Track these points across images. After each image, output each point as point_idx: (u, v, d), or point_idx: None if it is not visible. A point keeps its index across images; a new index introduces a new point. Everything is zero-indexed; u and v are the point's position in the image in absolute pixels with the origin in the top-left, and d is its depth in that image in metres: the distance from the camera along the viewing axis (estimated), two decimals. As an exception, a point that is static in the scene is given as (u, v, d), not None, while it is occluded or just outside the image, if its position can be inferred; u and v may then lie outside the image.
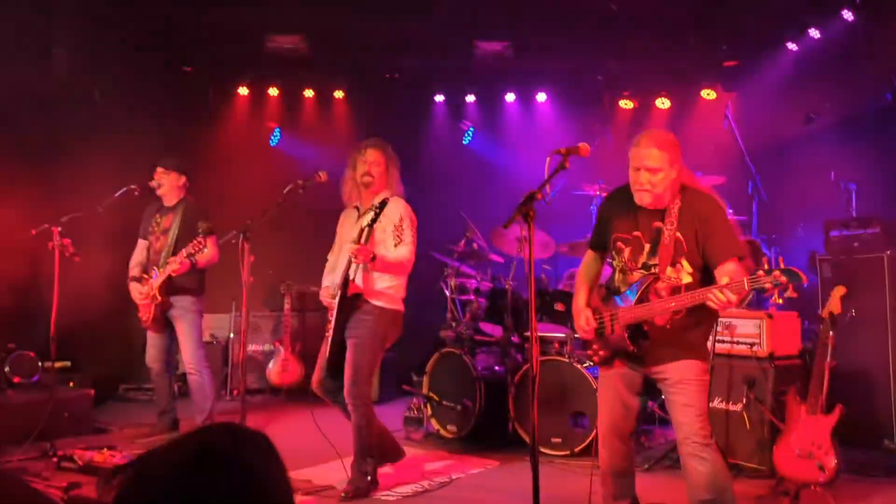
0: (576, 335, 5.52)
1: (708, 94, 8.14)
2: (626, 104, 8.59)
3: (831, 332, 4.16)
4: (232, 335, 7.72)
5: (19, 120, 6.18)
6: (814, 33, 6.69)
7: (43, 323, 5.41)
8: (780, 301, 2.88)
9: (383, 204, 4.18)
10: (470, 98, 8.72)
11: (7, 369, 5.70)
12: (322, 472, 4.72)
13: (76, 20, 6.72)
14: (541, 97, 8.63)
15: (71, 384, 6.24)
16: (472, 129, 8.84)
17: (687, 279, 3.07)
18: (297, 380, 7.44)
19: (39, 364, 5.87)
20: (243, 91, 8.42)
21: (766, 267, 2.81)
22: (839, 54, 6.65)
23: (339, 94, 8.58)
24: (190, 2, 7.24)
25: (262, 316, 7.85)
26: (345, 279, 4.17)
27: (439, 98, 8.76)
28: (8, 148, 6.02)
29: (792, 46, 7.00)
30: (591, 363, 3.47)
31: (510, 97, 8.67)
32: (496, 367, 5.68)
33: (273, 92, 8.49)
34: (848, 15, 6.26)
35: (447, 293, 6.42)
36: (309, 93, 8.56)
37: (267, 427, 6.17)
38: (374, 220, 4.12)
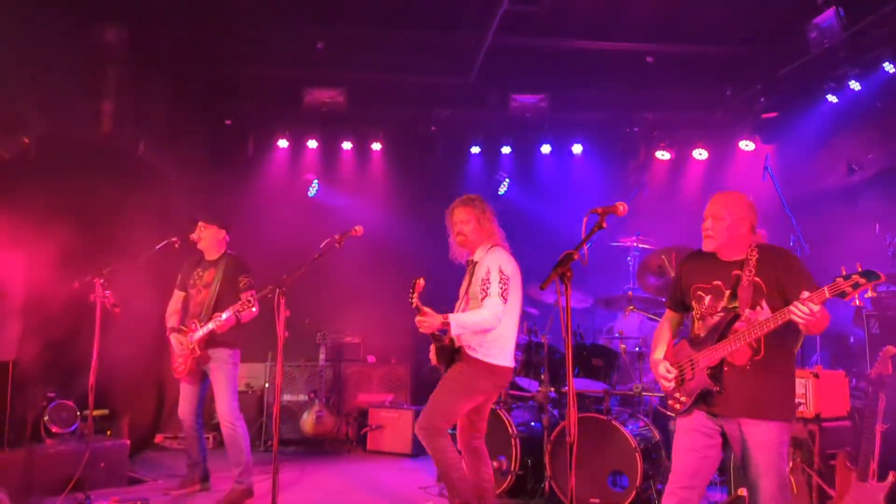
0: (612, 391, 5.45)
1: (746, 145, 8.09)
2: (662, 155, 8.56)
3: (881, 394, 4.01)
4: (267, 385, 7.73)
5: (64, 172, 6.36)
6: (854, 85, 6.62)
7: (82, 373, 5.47)
8: (859, 303, 2.94)
9: (474, 266, 4.33)
10: (506, 150, 8.77)
11: (46, 418, 5.75)
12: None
13: (122, 73, 6.94)
14: (576, 149, 8.65)
15: (108, 433, 6.28)
16: (507, 180, 8.88)
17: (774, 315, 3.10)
18: (332, 430, 7.40)
19: (78, 413, 5.92)
20: (283, 143, 8.58)
21: (843, 273, 2.84)
22: (882, 105, 6.56)
23: (376, 146, 8.71)
24: (231, 57, 7.46)
25: (296, 366, 7.86)
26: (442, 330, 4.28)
27: (475, 150, 8.83)
28: (53, 199, 6.19)
29: (832, 98, 6.92)
30: (673, 414, 3.40)
31: (546, 149, 8.70)
32: (533, 423, 5.57)
33: (312, 144, 8.64)
34: (889, 67, 6.18)
35: (482, 346, 6.35)
36: (347, 145, 8.70)
37: (302, 479, 6.12)
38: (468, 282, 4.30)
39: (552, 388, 5.49)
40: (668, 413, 3.41)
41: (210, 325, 5.22)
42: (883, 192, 6.57)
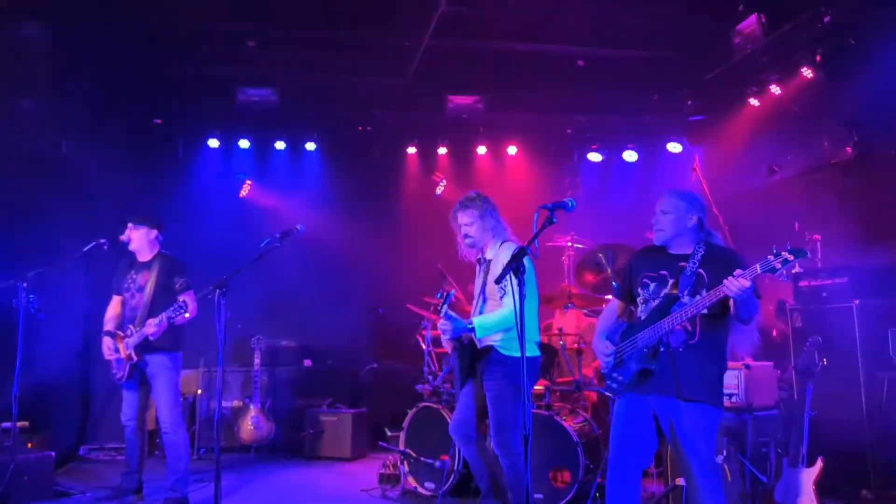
0: (553, 386, 5.53)
1: (674, 147, 8.35)
2: (594, 157, 8.77)
3: (809, 383, 4.20)
4: (200, 391, 7.52)
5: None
6: (775, 89, 6.92)
7: (4, 382, 5.22)
8: (787, 279, 3.13)
9: (488, 265, 4.27)
10: (442, 150, 8.80)
11: (-35, 431, 5.46)
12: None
13: (43, 72, 6.65)
14: (512, 150, 8.76)
15: (29, 445, 5.99)
16: (444, 181, 8.91)
17: (703, 311, 3.24)
18: (268, 436, 7.26)
19: (-1, 425, 5.63)
20: (214, 143, 8.39)
21: (774, 251, 3.03)
22: (800, 109, 6.88)
23: (310, 146, 8.62)
24: (159, 54, 7.23)
25: (231, 371, 7.68)
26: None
27: (412, 150, 8.83)
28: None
29: (754, 102, 7.22)
30: (610, 393, 3.50)
31: (482, 150, 8.78)
32: (474, 422, 5.58)
33: (244, 144, 8.47)
34: (807, 72, 6.49)
35: (424, 346, 6.35)
36: (280, 145, 8.57)
37: (240, 487, 5.98)
38: (484, 280, 4.24)
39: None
40: (606, 393, 3.53)
41: (144, 332, 5.04)
42: (801, 192, 6.88)
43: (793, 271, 2.99)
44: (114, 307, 5.50)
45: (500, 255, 4.26)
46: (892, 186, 5.94)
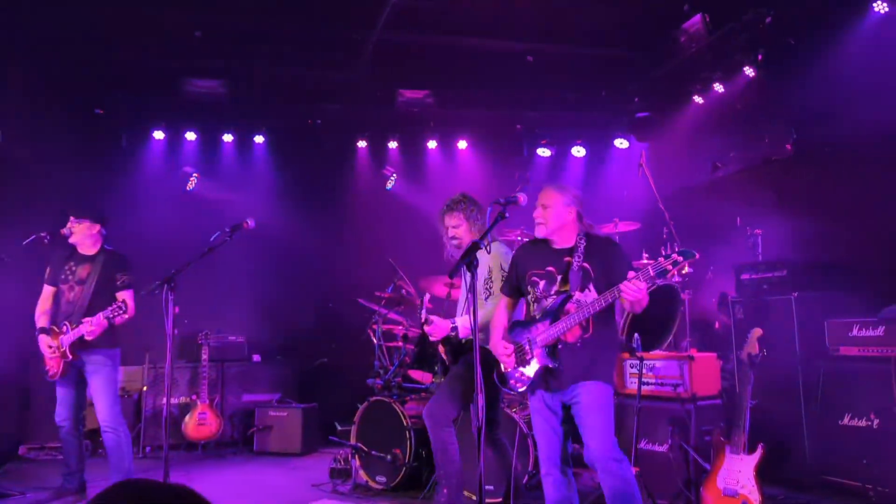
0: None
1: (621, 143, 8.50)
2: (543, 152, 8.86)
3: (751, 373, 4.33)
4: (145, 388, 7.36)
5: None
6: (718, 87, 7.10)
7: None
8: (679, 279, 3.32)
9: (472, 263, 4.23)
10: (393, 144, 8.78)
11: None
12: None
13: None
14: (462, 144, 8.80)
15: (-36, 446, 5.80)
16: (394, 175, 8.90)
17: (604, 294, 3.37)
18: (216, 433, 7.16)
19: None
20: (159, 135, 8.20)
21: (664, 254, 3.15)
22: (742, 107, 7.07)
23: (259, 139, 8.50)
24: (101, 42, 7.03)
25: (177, 367, 7.53)
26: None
27: (362, 144, 8.79)
28: None
29: (698, 99, 7.40)
30: (516, 393, 3.62)
31: (432, 144, 8.79)
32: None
33: (190, 136, 8.30)
34: (749, 71, 6.68)
35: (374, 340, 6.34)
36: (228, 137, 8.43)
37: (189, 485, 5.87)
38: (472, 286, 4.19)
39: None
40: (511, 392, 3.64)
41: (80, 331, 4.87)
42: (743, 188, 7.07)
43: (683, 272, 3.12)
44: (45, 300, 5.22)
45: (485, 256, 4.29)
46: (828, 183, 6.16)
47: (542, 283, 3.59)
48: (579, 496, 3.74)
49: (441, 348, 4.51)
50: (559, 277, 3.54)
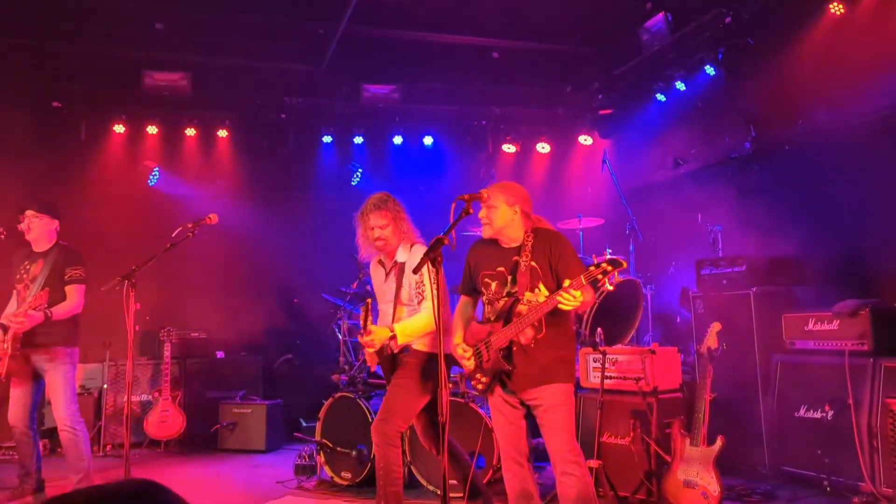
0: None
1: (585, 139, 8.58)
2: (508, 148, 8.91)
3: (710, 366, 4.41)
4: (106, 386, 7.24)
5: None
6: (680, 86, 7.21)
7: None
8: (611, 288, 3.39)
9: (401, 269, 4.16)
10: (358, 139, 8.75)
11: None
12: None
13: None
14: (428, 140, 8.80)
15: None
16: (360, 170, 8.86)
17: (544, 300, 3.37)
18: (178, 431, 7.07)
19: None
20: (119, 129, 8.05)
21: (595, 262, 3.19)
22: (703, 105, 7.19)
23: (222, 133, 8.40)
24: (58, 33, 6.88)
25: (139, 364, 7.43)
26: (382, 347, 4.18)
27: (327, 139, 8.74)
28: None
29: (661, 97, 7.50)
30: (477, 393, 3.64)
31: (398, 140, 8.78)
32: (391, 411, 5.61)
33: (152, 130, 8.16)
34: (710, 70, 6.79)
35: (339, 336, 6.32)
36: (191, 131, 8.30)
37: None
38: (397, 284, 4.14)
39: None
40: (473, 392, 3.64)
41: (13, 324, 4.75)
42: (704, 185, 7.18)
43: (613, 281, 3.20)
44: (13, 301, 5.19)
45: (412, 258, 4.19)
46: (785, 179, 6.30)
47: (493, 285, 3.61)
48: (541, 489, 3.78)
49: (370, 360, 4.34)
50: (509, 278, 3.56)
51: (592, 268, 3.14)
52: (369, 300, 4.15)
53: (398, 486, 4.11)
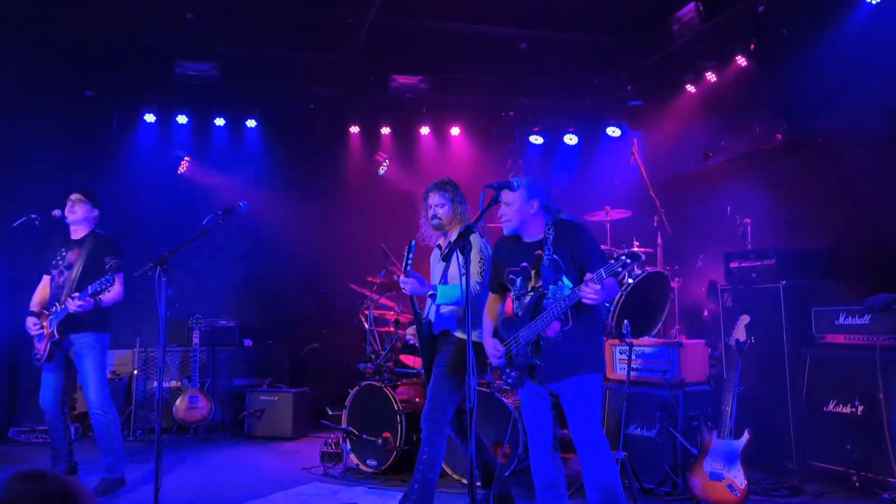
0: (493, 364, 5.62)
1: (613, 131, 8.51)
2: (536, 140, 8.87)
3: (738, 359, 4.38)
4: (136, 371, 7.37)
5: None
6: (710, 76, 7.12)
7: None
8: (631, 281, 3.57)
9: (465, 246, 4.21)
10: (385, 130, 8.76)
11: None
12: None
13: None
14: (455, 131, 8.79)
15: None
16: (387, 160, 8.89)
17: (568, 293, 3.38)
18: (206, 417, 7.17)
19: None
20: (150, 118, 8.15)
21: (615, 255, 3.22)
22: (734, 96, 7.10)
23: (251, 123, 8.47)
24: (92, 24, 6.97)
25: (168, 351, 7.54)
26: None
27: (354, 129, 8.77)
28: None
29: (691, 88, 7.42)
30: (508, 388, 3.68)
31: (425, 130, 8.78)
32: (417, 400, 5.65)
33: (182, 119, 8.26)
34: (741, 60, 6.70)
35: (366, 325, 6.36)
36: (220, 121, 8.38)
37: (178, 467, 5.91)
38: (447, 264, 4.23)
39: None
40: (504, 387, 3.64)
41: (66, 307, 4.89)
42: (733, 177, 7.11)
43: (632, 272, 3.24)
44: (43, 288, 5.29)
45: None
46: (818, 172, 6.20)
47: (518, 281, 3.63)
48: (567, 480, 3.79)
49: (412, 331, 4.41)
50: (533, 273, 3.58)
51: (612, 261, 3.18)
52: (412, 241, 4.23)
53: (436, 474, 4.19)
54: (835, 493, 4.71)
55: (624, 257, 3.15)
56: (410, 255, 4.19)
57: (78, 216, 5.20)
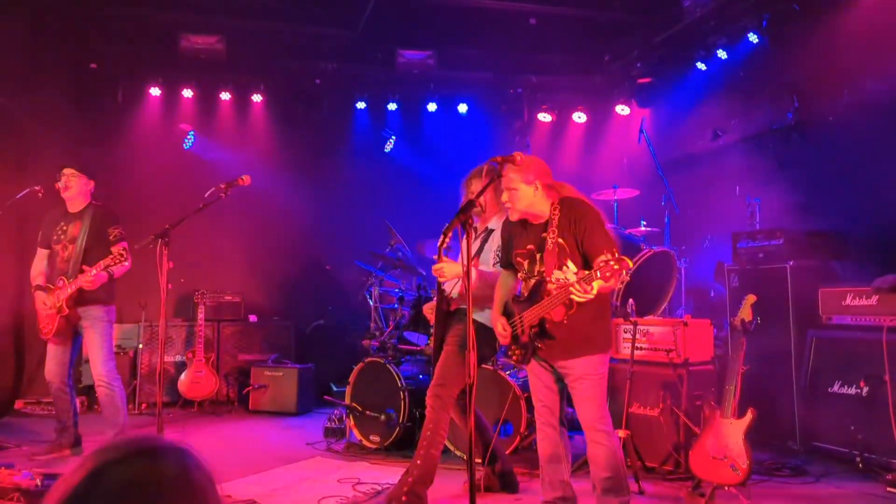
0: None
1: (622, 109, 8.42)
2: (544, 117, 8.79)
3: (743, 339, 4.34)
4: (141, 346, 7.39)
5: None
6: (721, 54, 7.02)
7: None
8: (621, 286, 3.60)
9: (488, 234, 4.27)
10: (392, 106, 8.70)
11: None
12: (242, 487, 4.55)
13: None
14: (462, 108, 8.71)
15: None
16: (394, 137, 8.83)
17: (573, 278, 3.30)
18: (211, 392, 7.20)
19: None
20: (155, 91, 8.10)
21: (606, 257, 3.18)
22: (745, 75, 7.00)
23: (257, 97, 8.40)
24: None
25: (173, 325, 7.56)
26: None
27: (361, 105, 8.70)
28: None
29: (701, 66, 7.31)
30: (513, 364, 3.69)
31: (432, 107, 8.70)
32: (420, 377, 5.65)
33: (187, 93, 8.21)
34: (753, 38, 6.59)
35: (370, 302, 6.35)
36: (225, 95, 8.32)
37: (182, 441, 5.93)
38: (479, 251, 4.26)
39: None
40: (510, 363, 3.64)
41: (79, 282, 4.89)
42: (743, 156, 7.03)
43: (620, 278, 3.21)
44: (40, 261, 5.28)
45: (495, 234, 4.29)
46: (828, 152, 6.12)
47: (525, 264, 3.62)
48: (572, 457, 3.80)
49: (431, 306, 4.44)
50: (538, 256, 3.56)
51: (602, 264, 3.13)
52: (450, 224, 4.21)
53: (439, 451, 4.19)
54: (838, 474, 4.69)
55: (613, 262, 3.10)
56: (448, 245, 4.15)
57: (73, 191, 5.18)
